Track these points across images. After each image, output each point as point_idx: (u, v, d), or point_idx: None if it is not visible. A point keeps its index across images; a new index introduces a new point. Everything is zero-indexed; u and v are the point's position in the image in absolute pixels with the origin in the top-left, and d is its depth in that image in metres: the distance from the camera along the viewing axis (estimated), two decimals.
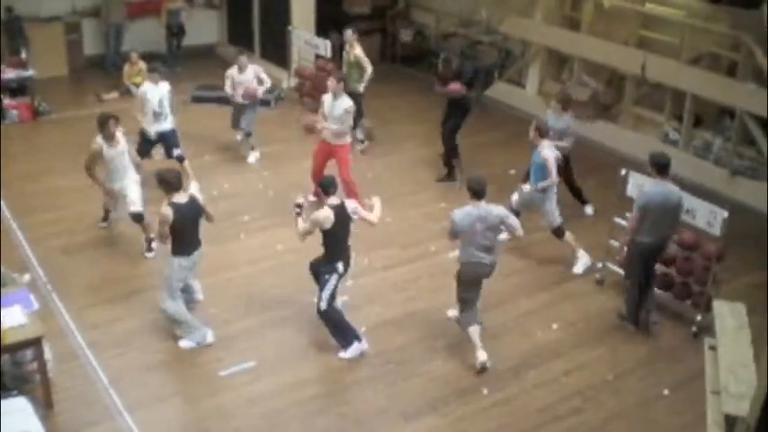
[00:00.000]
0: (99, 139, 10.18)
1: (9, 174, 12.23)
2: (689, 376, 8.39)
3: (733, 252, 9.56)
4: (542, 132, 10.49)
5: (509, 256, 10.79)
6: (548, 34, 15.97)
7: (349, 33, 13.93)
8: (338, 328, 8.66)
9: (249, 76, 13.15)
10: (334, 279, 8.53)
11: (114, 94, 16.22)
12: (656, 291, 9.62)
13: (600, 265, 10.21)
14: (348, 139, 11.57)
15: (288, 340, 8.89)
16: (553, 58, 16.32)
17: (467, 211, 8.32)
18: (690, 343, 9.08)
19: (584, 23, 15.35)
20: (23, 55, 15.94)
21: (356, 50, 13.70)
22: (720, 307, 7.28)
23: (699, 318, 9.19)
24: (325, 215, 8.26)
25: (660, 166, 8.86)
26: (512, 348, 8.93)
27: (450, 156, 12.73)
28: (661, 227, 8.87)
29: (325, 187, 8.48)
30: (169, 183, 8.40)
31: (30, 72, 15.37)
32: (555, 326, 9.36)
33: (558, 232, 10.54)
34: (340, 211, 8.37)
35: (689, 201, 9.08)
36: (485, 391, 8.22)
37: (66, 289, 9.59)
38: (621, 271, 9.97)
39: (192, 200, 8.53)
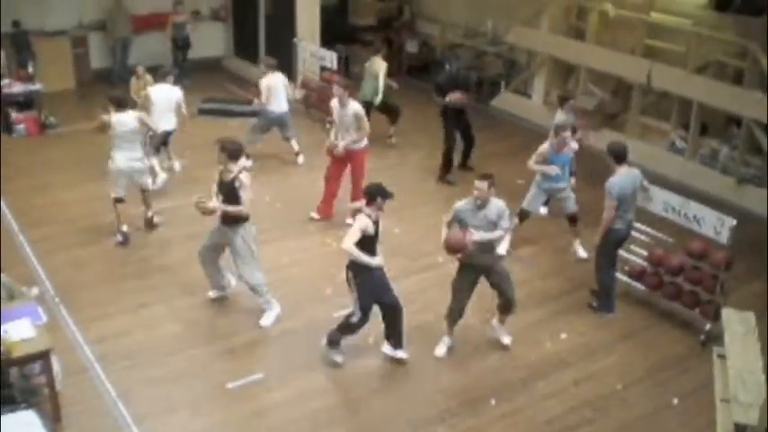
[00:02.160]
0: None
1: (17, 187, 12.28)
2: (698, 385, 8.36)
3: (740, 260, 9.54)
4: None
5: (516, 266, 10.77)
6: (553, 44, 15.99)
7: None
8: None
9: (280, 81, 13.53)
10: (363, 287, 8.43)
11: None
12: (665, 300, 9.61)
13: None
14: (363, 144, 11.58)
15: (295, 352, 8.88)
16: (559, 67, 16.32)
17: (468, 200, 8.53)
18: (698, 352, 9.04)
19: (590, 33, 15.35)
20: (30, 69, 16.01)
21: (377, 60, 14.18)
22: (729, 315, 7.29)
23: (707, 326, 9.15)
24: (366, 223, 8.16)
25: (619, 156, 9.37)
26: (521, 359, 8.91)
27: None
28: (629, 212, 9.39)
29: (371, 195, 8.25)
30: (231, 151, 8.97)
31: (37, 86, 15.44)
32: (564, 336, 9.34)
33: (523, 215, 11.02)
34: (377, 222, 8.29)
35: (696, 209, 9.08)
36: (493, 402, 8.19)
37: (75, 302, 9.60)
38: (630, 281, 9.96)
39: None
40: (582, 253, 11.05)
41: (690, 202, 9.24)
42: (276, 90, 13.44)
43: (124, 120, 10.71)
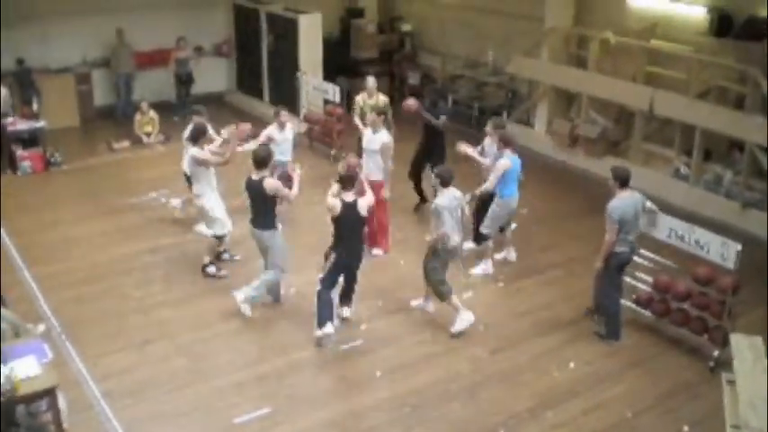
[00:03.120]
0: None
1: (22, 224, 12.31)
2: (708, 412, 8.30)
3: (747, 285, 9.49)
4: (506, 142, 10.98)
5: (521, 295, 10.78)
6: (554, 73, 16.05)
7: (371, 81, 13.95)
8: (320, 310, 9.41)
9: (289, 135, 13.00)
10: (332, 259, 9.43)
11: (125, 143, 16.38)
12: (672, 326, 9.57)
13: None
14: (382, 176, 11.53)
15: (302, 385, 8.84)
16: (561, 96, 16.38)
17: (448, 196, 9.64)
18: (708, 378, 8.99)
19: (591, 61, 15.41)
20: (35, 106, 16.13)
21: (381, 97, 13.74)
22: (738, 341, 7.24)
23: (716, 352, 9.11)
24: (334, 203, 9.30)
25: (623, 180, 9.48)
26: (528, 388, 8.86)
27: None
28: (632, 234, 9.38)
29: (342, 181, 9.48)
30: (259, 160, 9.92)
31: (41, 123, 15.52)
32: (571, 365, 9.29)
33: (480, 238, 11.30)
34: (349, 208, 9.30)
35: (701, 234, 9.07)
36: None
37: (80, 338, 9.58)
38: (637, 308, 9.92)
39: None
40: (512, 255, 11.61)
41: (695, 227, 9.23)
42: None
43: None
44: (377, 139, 11.47)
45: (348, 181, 9.46)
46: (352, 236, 9.49)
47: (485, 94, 18.78)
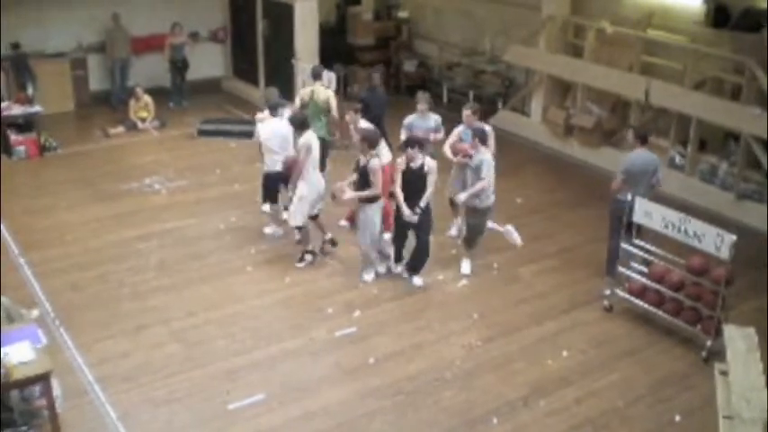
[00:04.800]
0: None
1: (17, 209, 12.29)
2: (701, 402, 8.33)
3: (740, 276, 9.52)
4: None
5: (516, 284, 10.80)
6: (551, 62, 16.03)
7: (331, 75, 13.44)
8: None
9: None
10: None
11: (120, 129, 16.35)
12: (666, 316, 9.60)
13: (608, 292, 10.17)
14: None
15: (296, 372, 8.86)
16: (557, 85, 16.36)
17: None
18: (701, 368, 9.01)
19: (588, 51, 15.39)
20: (30, 91, 16.06)
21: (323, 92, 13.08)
22: (731, 331, 7.27)
23: (709, 343, 9.13)
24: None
25: (643, 137, 10.42)
26: (522, 377, 8.88)
27: None
28: (638, 188, 9.92)
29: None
30: (371, 140, 10.31)
31: (36, 108, 15.47)
32: (565, 353, 9.32)
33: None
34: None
35: (696, 225, 9.07)
36: (495, 421, 8.16)
37: (74, 324, 9.58)
38: (631, 297, 9.95)
39: None
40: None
41: (690, 218, 9.23)
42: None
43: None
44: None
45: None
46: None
47: (481, 82, 18.75)
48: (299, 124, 10.82)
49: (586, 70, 15.25)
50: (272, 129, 11.25)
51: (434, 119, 11.89)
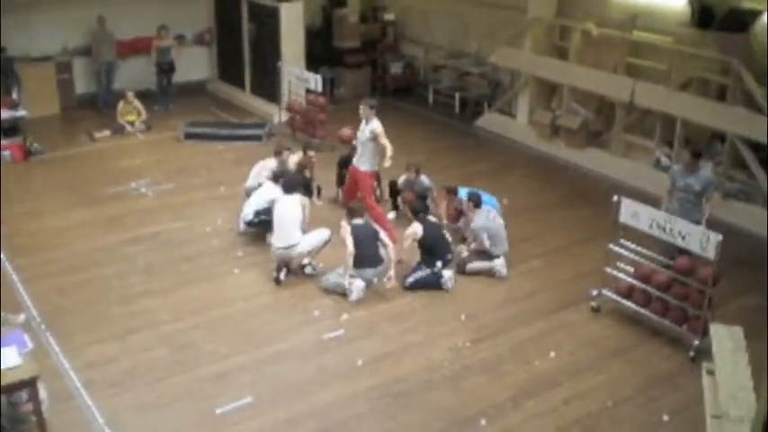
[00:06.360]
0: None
1: (2, 214, 12.21)
2: (689, 401, 8.35)
3: (727, 275, 9.55)
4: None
5: (505, 285, 10.81)
6: (537, 64, 16.07)
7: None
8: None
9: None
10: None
11: (106, 133, 16.30)
12: (653, 316, 9.63)
13: (596, 292, 10.19)
14: (367, 167, 11.67)
15: (284, 375, 8.84)
16: (543, 87, 16.40)
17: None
18: (688, 368, 9.05)
19: (573, 52, 15.44)
20: (15, 95, 16.01)
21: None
22: (718, 330, 7.27)
23: (696, 342, 9.16)
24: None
25: (696, 154, 10.31)
26: (510, 378, 8.89)
27: None
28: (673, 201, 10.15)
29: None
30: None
31: (21, 112, 15.41)
32: (553, 354, 9.33)
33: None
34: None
35: (682, 225, 9.09)
36: (483, 422, 8.16)
37: (61, 329, 9.53)
38: (617, 297, 9.97)
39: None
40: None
41: (676, 218, 9.26)
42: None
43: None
44: (366, 129, 11.50)
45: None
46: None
47: (467, 84, 18.80)
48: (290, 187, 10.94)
49: (572, 72, 15.30)
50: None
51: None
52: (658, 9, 14.45)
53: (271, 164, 12.44)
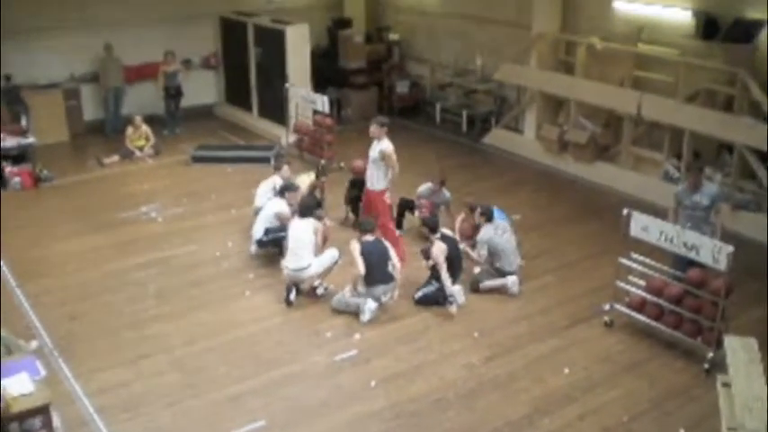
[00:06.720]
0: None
1: (13, 241, 12.26)
2: (704, 414, 8.30)
3: (738, 286, 9.51)
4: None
5: (517, 301, 10.77)
6: (542, 79, 16.09)
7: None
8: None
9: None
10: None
11: (115, 158, 16.36)
12: (666, 329, 9.58)
13: (608, 307, 10.14)
14: (381, 185, 11.64)
15: (297, 397, 8.82)
16: (549, 102, 16.41)
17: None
18: (703, 380, 8.99)
19: (579, 67, 15.46)
20: (23, 122, 16.10)
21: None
22: (732, 342, 7.24)
23: (710, 354, 9.12)
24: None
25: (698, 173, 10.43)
26: (524, 395, 8.85)
27: None
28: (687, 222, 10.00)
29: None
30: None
31: (30, 139, 15.49)
32: (567, 370, 9.28)
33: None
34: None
35: (692, 237, 9.07)
36: None
37: (73, 355, 9.54)
38: (631, 312, 9.93)
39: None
40: None
41: (686, 230, 9.24)
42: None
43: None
44: (376, 147, 11.50)
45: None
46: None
47: (474, 101, 18.83)
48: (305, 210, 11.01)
49: (578, 86, 15.31)
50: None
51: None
52: (663, 22, 14.45)
53: (276, 181, 12.45)
